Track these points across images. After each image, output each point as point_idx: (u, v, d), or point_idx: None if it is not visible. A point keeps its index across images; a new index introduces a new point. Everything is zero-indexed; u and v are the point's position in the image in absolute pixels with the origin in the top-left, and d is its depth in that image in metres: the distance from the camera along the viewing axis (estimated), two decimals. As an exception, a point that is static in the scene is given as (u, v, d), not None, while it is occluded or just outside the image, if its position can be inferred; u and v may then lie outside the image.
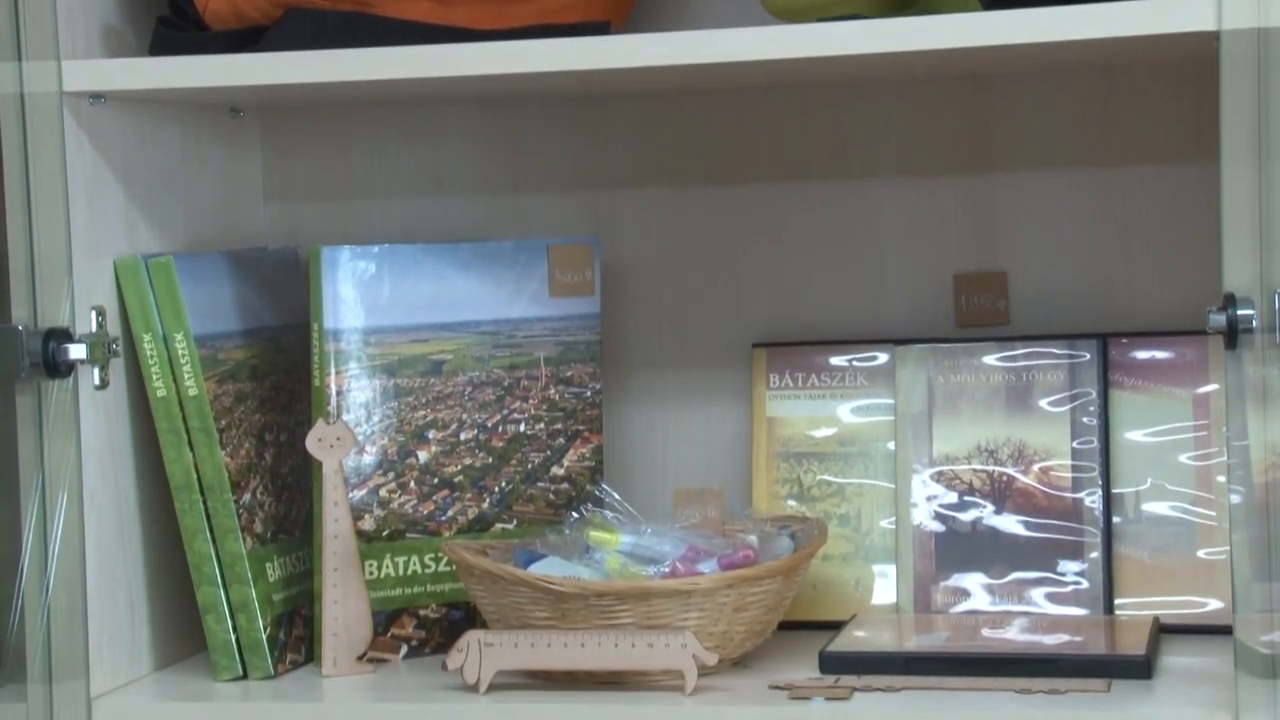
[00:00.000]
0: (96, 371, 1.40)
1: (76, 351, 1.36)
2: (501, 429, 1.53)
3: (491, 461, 1.52)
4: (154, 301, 1.44)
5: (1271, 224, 1.22)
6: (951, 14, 1.29)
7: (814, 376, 1.56)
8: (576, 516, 1.47)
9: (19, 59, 1.35)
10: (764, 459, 1.56)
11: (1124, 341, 1.51)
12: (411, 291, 1.49)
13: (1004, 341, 1.53)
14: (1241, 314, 1.21)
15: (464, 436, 1.51)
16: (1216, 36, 1.23)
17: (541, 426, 1.54)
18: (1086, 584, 1.48)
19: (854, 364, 1.55)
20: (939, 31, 1.28)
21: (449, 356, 1.51)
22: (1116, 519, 1.49)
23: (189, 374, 1.43)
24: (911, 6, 1.40)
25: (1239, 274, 1.22)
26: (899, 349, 1.54)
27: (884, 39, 1.29)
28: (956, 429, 1.52)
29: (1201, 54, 1.26)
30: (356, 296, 1.47)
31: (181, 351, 1.43)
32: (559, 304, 1.54)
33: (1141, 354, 1.50)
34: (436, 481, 1.50)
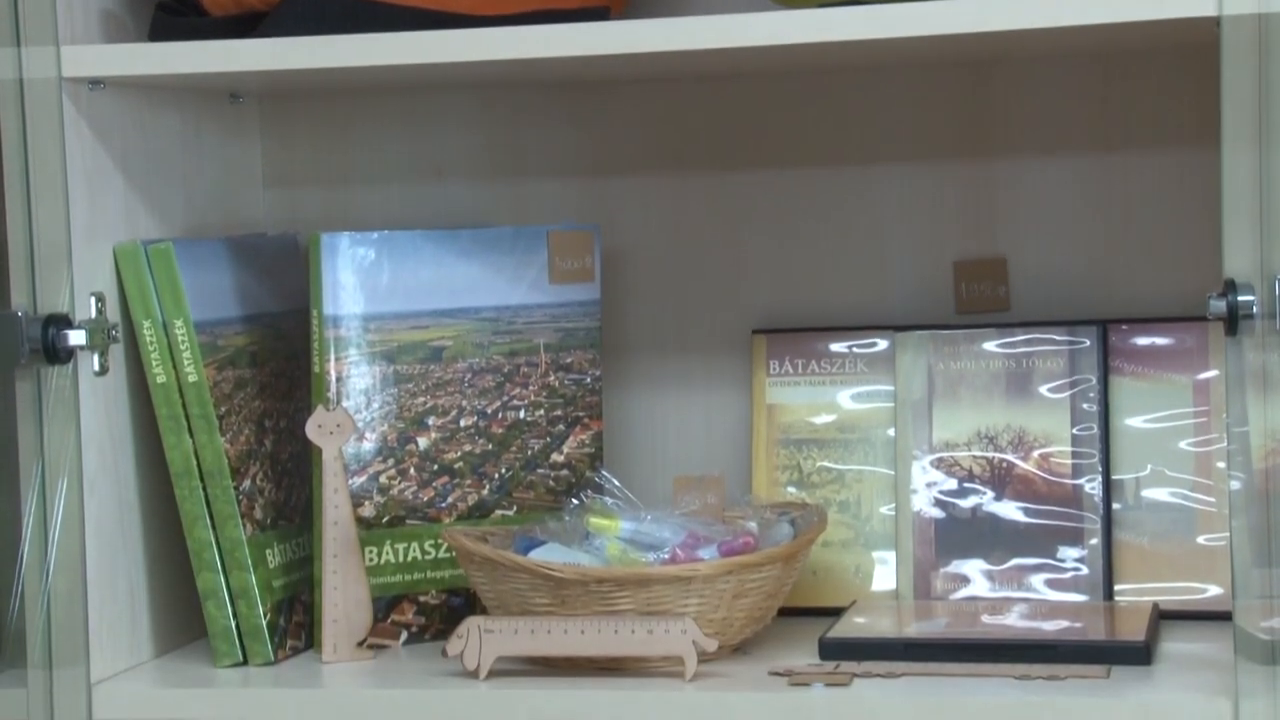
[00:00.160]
0: (96, 358, 1.40)
1: (76, 338, 1.36)
2: (501, 415, 1.53)
3: (491, 448, 1.52)
4: (153, 288, 1.43)
5: (1272, 210, 1.22)
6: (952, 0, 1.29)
7: (814, 363, 1.56)
8: (576, 503, 1.47)
9: (18, 44, 1.35)
10: (764, 445, 1.56)
11: (1124, 328, 1.51)
12: (411, 278, 1.49)
13: (1004, 328, 1.53)
14: (1242, 300, 1.21)
15: (464, 423, 1.51)
16: (1217, 22, 1.22)
17: (541, 413, 1.54)
18: (1086, 570, 1.48)
19: (854, 350, 1.55)
20: (940, 17, 1.28)
21: (449, 343, 1.51)
22: (1116, 505, 1.49)
23: (189, 360, 1.43)
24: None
25: (1239, 260, 1.22)
26: (899, 335, 1.54)
27: (885, 24, 1.29)
28: (956, 415, 1.52)
29: (1202, 39, 1.26)
30: (356, 283, 1.47)
31: (181, 338, 1.43)
32: (559, 290, 1.54)
33: (1141, 340, 1.50)
34: (436, 468, 1.50)
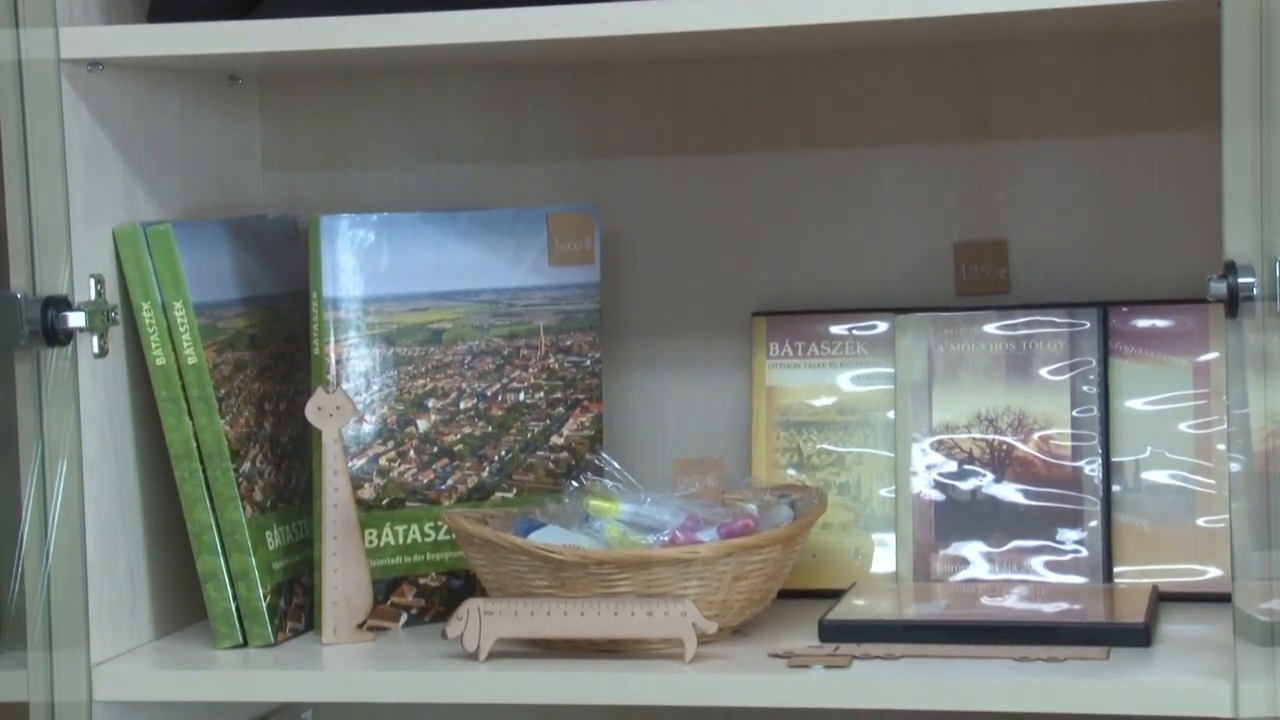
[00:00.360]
0: (95, 340, 1.40)
1: (75, 320, 1.36)
2: (501, 398, 1.53)
3: (491, 430, 1.52)
4: (153, 270, 1.43)
5: (1272, 191, 1.22)
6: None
7: (814, 345, 1.56)
8: (576, 485, 1.47)
9: (16, 26, 1.34)
10: (764, 428, 1.56)
11: (1124, 310, 1.51)
12: (411, 260, 1.49)
13: (1004, 310, 1.52)
14: (1242, 282, 1.21)
15: (463, 405, 1.51)
16: (1218, 3, 1.22)
17: (541, 395, 1.54)
18: (1086, 552, 1.49)
19: (854, 333, 1.55)
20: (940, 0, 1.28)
21: (448, 325, 1.51)
22: (1116, 487, 1.49)
23: (188, 342, 1.43)
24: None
25: (1240, 242, 1.22)
26: (899, 318, 1.54)
27: (886, 6, 1.28)
28: (956, 398, 1.52)
29: (1203, 20, 1.26)
30: (356, 265, 1.47)
31: (180, 320, 1.43)
32: (559, 273, 1.54)
33: (1142, 322, 1.50)
34: (436, 450, 1.50)
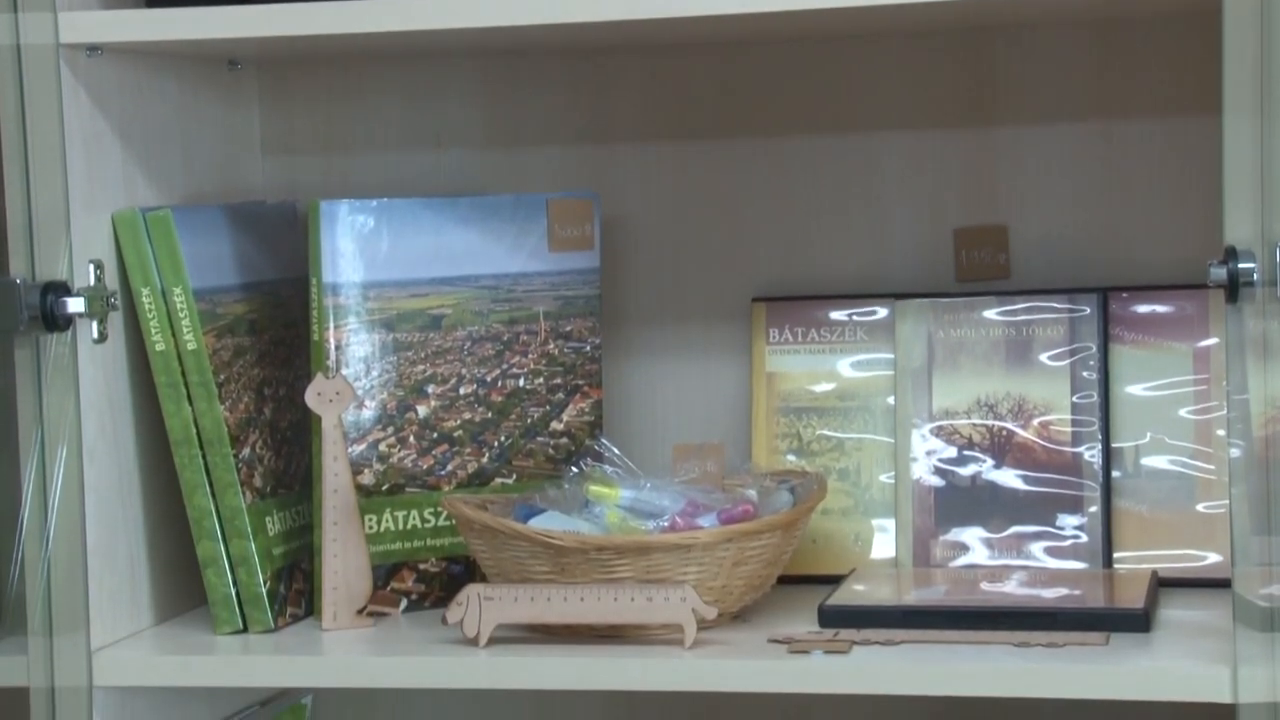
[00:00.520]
0: (95, 325, 1.40)
1: (75, 305, 1.36)
2: (501, 384, 1.53)
3: (491, 416, 1.52)
4: (152, 255, 1.43)
5: (1273, 177, 1.21)
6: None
7: (814, 331, 1.56)
8: (576, 471, 1.47)
9: (15, 10, 1.34)
10: (763, 413, 1.56)
11: (1124, 295, 1.51)
12: (410, 246, 1.49)
13: (1004, 295, 1.52)
14: (1242, 267, 1.21)
15: (463, 391, 1.51)
16: (1219, -12, 1.22)
17: (541, 381, 1.54)
18: (1085, 538, 1.49)
19: (854, 318, 1.55)
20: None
21: (448, 311, 1.51)
22: (1116, 473, 1.49)
23: (187, 328, 1.43)
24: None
25: (1240, 227, 1.21)
26: (899, 303, 1.54)
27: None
28: (956, 383, 1.52)
29: (1203, 6, 1.26)
30: (355, 251, 1.47)
31: (180, 305, 1.43)
32: (558, 258, 1.54)
33: (1142, 308, 1.50)
34: (436, 436, 1.50)
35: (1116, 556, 1.49)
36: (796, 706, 1.60)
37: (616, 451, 1.47)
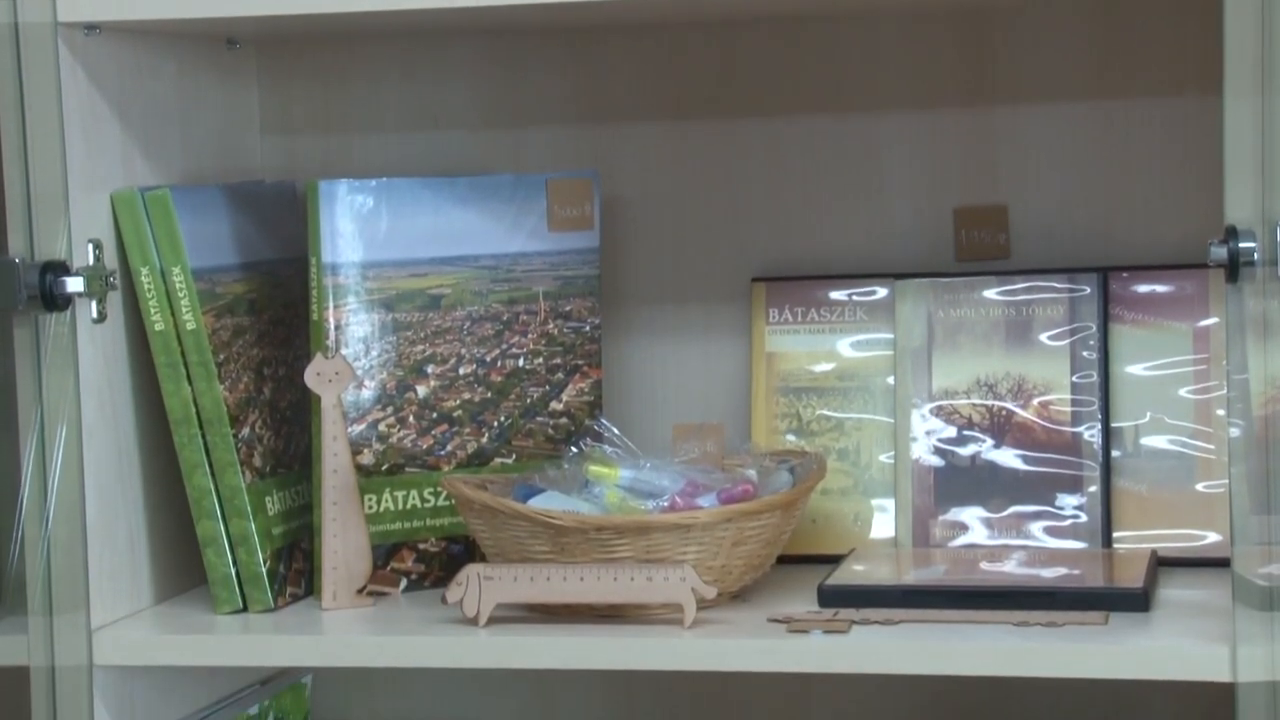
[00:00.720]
0: (94, 304, 1.40)
1: (74, 285, 1.36)
2: (500, 364, 1.52)
3: (490, 396, 1.52)
4: (151, 235, 1.43)
5: (1274, 156, 1.21)
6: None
7: (813, 311, 1.56)
8: (575, 451, 1.47)
9: (13, -11, 1.34)
10: (763, 394, 1.56)
11: (1124, 275, 1.51)
12: (409, 225, 1.49)
13: (1004, 275, 1.52)
14: (1243, 246, 1.21)
15: (463, 371, 1.51)
16: (1220, -34, 1.22)
17: (540, 361, 1.54)
18: (1085, 517, 1.49)
19: (854, 298, 1.55)
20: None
21: (447, 291, 1.51)
22: (1115, 453, 1.49)
23: (187, 308, 1.43)
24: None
25: (1240, 207, 1.21)
26: (899, 283, 1.54)
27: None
28: (956, 363, 1.52)
29: (1205, -16, 1.26)
30: (354, 230, 1.47)
31: (179, 285, 1.43)
32: (558, 238, 1.54)
33: (1142, 288, 1.50)
34: (435, 416, 1.50)
35: (1116, 536, 1.49)
36: (796, 686, 1.60)
37: (616, 431, 1.47)
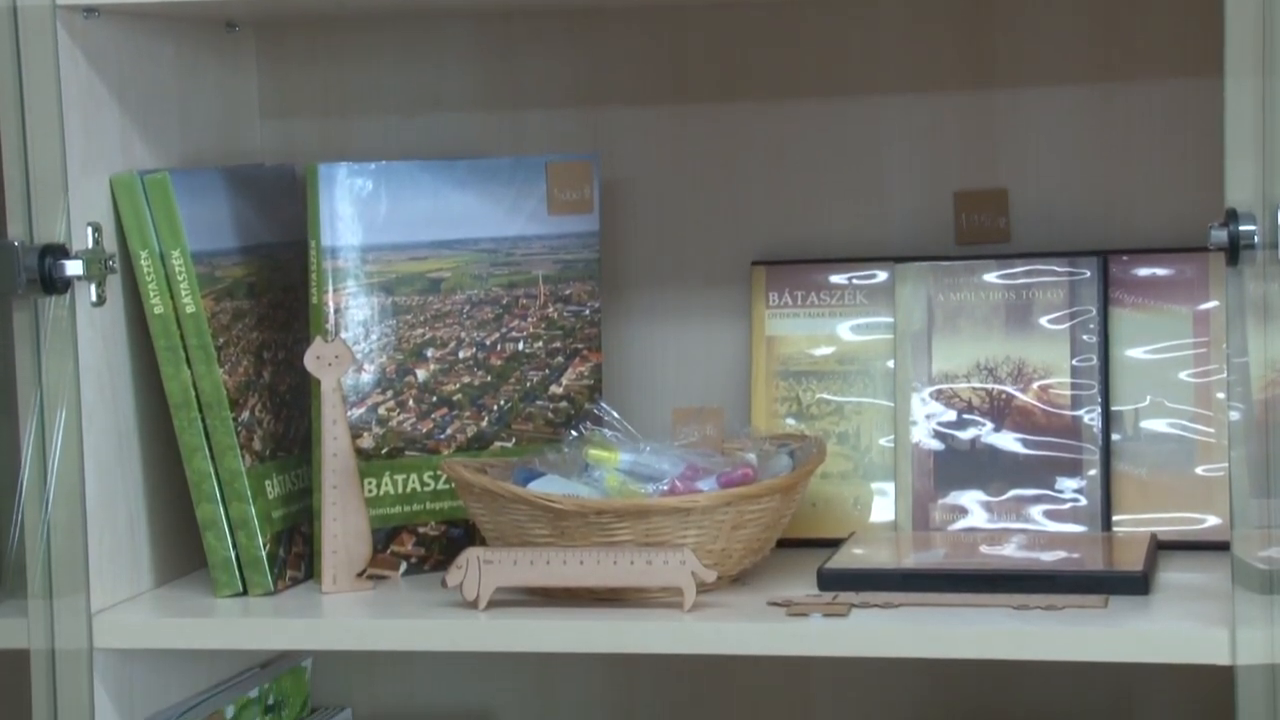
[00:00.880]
0: (93, 288, 1.39)
1: (73, 268, 1.36)
2: (500, 347, 1.52)
3: (490, 380, 1.52)
4: (150, 218, 1.43)
5: (1274, 139, 1.21)
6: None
7: (813, 294, 1.56)
8: (575, 435, 1.47)
9: (11, -29, 1.34)
10: (763, 377, 1.56)
11: (1124, 258, 1.50)
12: (409, 209, 1.49)
13: (1004, 259, 1.52)
14: (1243, 230, 1.21)
15: (462, 355, 1.51)
16: (1221, -51, 1.22)
17: (540, 345, 1.54)
18: (1085, 501, 1.49)
19: (853, 282, 1.55)
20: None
21: (447, 274, 1.51)
22: (1115, 436, 1.49)
23: (186, 291, 1.43)
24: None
25: (1241, 189, 1.21)
26: (899, 267, 1.54)
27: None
28: (956, 347, 1.52)
29: (1206, -33, 1.25)
30: (354, 214, 1.47)
31: (178, 268, 1.43)
32: (558, 222, 1.54)
33: (1142, 271, 1.50)
34: (435, 400, 1.50)
35: (1115, 519, 1.49)
36: (795, 669, 1.60)
37: (616, 415, 1.47)
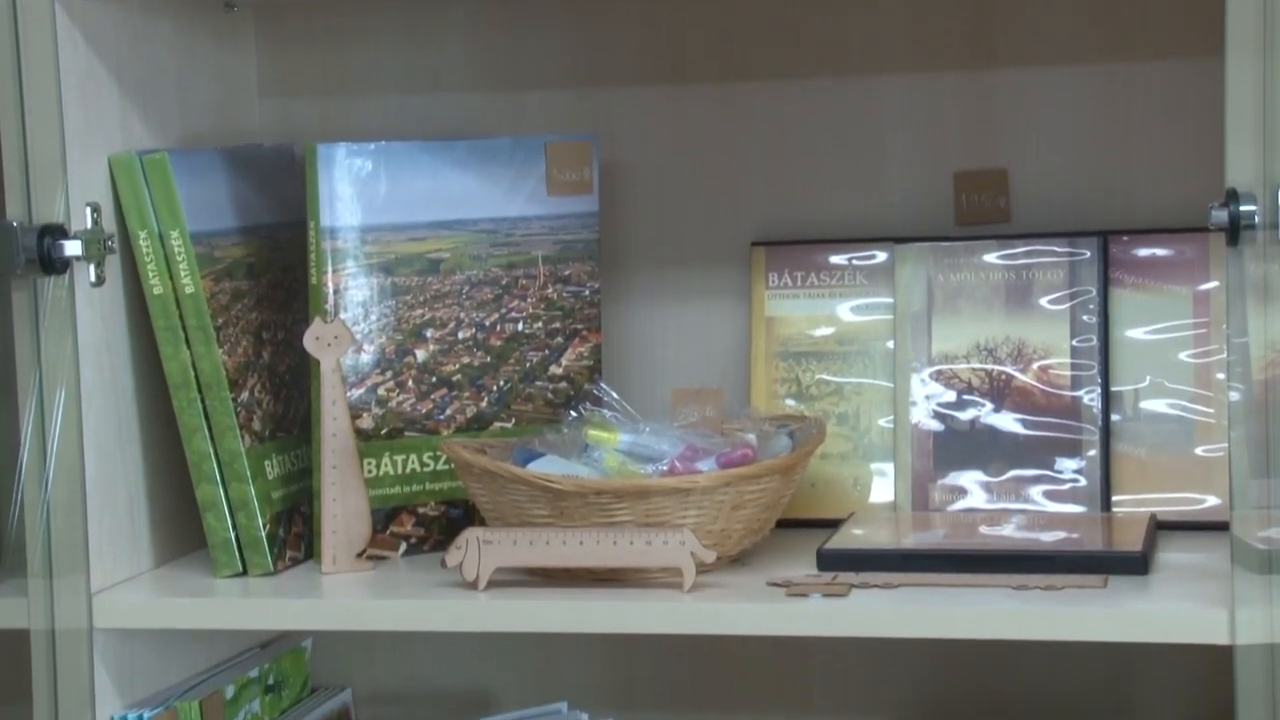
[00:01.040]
0: (92, 268, 1.39)
1: (72, 248, 1.36)
2: (500, 328, 1.52)
3: (490, 360, 1.52)
4: (149, 198, 1.43)
5: (1275, 119, 1.21)
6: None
7: (813, 275, 1.55)
8: (575, 415, 1.47)
9: (10, -49, 1.34)
10: (763, 358, 1.56)
11: (1125, 239, 1.50)
12: (408, 189, 1.48)
13: (1004, 239, 1.52)
14: (1244, 210, 1.21)
15: (462, 335, 1.51)
16: (1222, -72, 1.21)
17: (540, 325, 1.53)
18: (1084, 481, 1.49)
19: (853, 262, 1.55)
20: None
21: (446, 255, 1.50)
22: (1115, 417, 1.49)
23: (185, 271, 1.43)
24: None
25: (1241, 170, 1.21)
26: (899, 247, 1.54)
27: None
28: (956, 327, 1.52)
29: (1206, -54, 1.25)
30: (353, 194, 1.47)
31: (177, 248, 1.43)
32: (557, 202, 1.54)
33: (1142, 251, 1.50)
34: (435, 380, 1.50)
35: (1115, 500, 1.49)
36: (795, 649, 1.60)
37: (615, 396, 1.47)
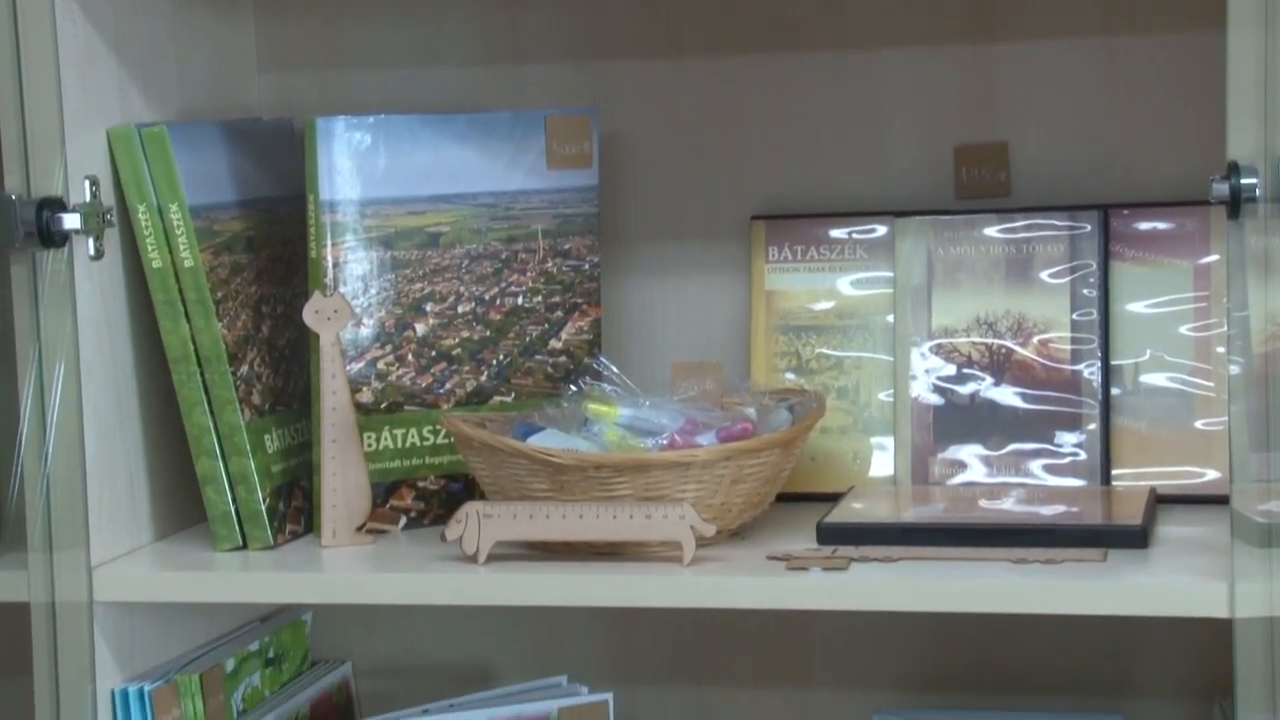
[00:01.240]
0: (91, 242, 1.39)
1: (70, 221, 1.35)
2: (499, 302, 1.52)
3: (489, 334, 1.52)
4: (148, 172, 1.42)
5: (1276, 92, 1.21)
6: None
7: (813, 249, 1.55)
8: (575, 389, 1.47)
9: (7, -77, 1.33)
10: (763, 332, 1.56)
11: (1125, 212, 1.50)
12: (408, 163, 1.48)
13: (1004, 213, 1.52)
14: (1245, 183, 1.21)
15: (461, 309, 1.51)
16: (1224, -100, 1.21)
17: (539, 299, 1.53)
18: (1084, 455, 1.49)
19: (853, 236, 1.55)
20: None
21: (446, 229, 1.50)
22: (1115, 390, 1.49)
23: (184, 245, 1.43)
24: None
25: (1243, 142, 1.21)
26: (899, 221, 1.53)
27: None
28: (956, 301, 1.52)
29: (1208, -82, 1.25)
30: (352, 168, 1.46)
31: (176, 222, 1.43)
32: (557, 176, 1.53)
33: (1143, 225, 1.50)
34: (434, 354, 1.50)
35: (1115, 474, 1.49)
36: (795, 623, 1.60)
37: (615, 370, 1.47)
